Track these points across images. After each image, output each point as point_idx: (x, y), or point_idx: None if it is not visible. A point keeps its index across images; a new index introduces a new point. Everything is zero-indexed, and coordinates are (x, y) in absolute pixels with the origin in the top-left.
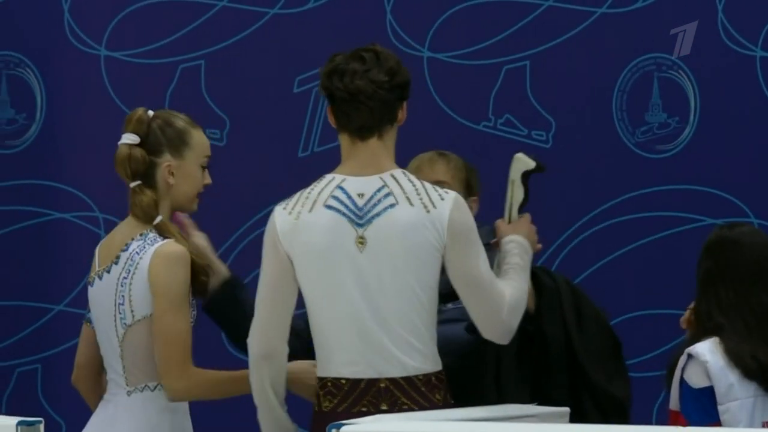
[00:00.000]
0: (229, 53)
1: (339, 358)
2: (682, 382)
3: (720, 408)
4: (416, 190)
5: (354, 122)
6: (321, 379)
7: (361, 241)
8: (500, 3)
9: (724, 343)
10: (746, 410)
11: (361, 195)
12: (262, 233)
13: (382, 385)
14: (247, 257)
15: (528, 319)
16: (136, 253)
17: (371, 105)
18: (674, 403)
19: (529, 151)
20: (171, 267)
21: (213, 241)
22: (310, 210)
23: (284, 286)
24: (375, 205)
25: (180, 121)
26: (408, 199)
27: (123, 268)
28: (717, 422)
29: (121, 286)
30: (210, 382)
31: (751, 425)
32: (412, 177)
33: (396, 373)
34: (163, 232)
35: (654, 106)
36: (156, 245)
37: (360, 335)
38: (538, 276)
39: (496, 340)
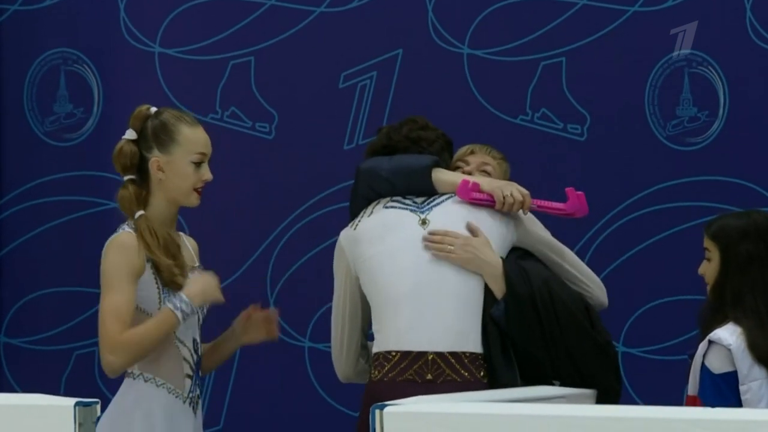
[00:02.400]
0: (277, 50)
1: (394, 333)
2: (703, 367)
3: (741, 388)
4: None
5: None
6: (375, 354)
7: (424, 221)
8: (537, 2)
9: (747, 326)
10: (766, 389)
11: (418, 197)
12: (309, 223)
13: (431, 357)
14: (293, 248)
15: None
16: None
17: (431, 150)
18: (693, 388)
19: (565, 143)
20: (107, 251)
21: (259, 232)
22: (370, 215)
23: (356, 308)
24: (433, 200)
25: (172, 117)
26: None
27: None
28: (734, 407)
29: None
30: (138, 339)
31: None
32: None
33: (445, 347)
34: (138, 227)
35: (684, 101)
36: (113, 235)
37: (416, 307)
38: (512, 283)
39: (605, 301)
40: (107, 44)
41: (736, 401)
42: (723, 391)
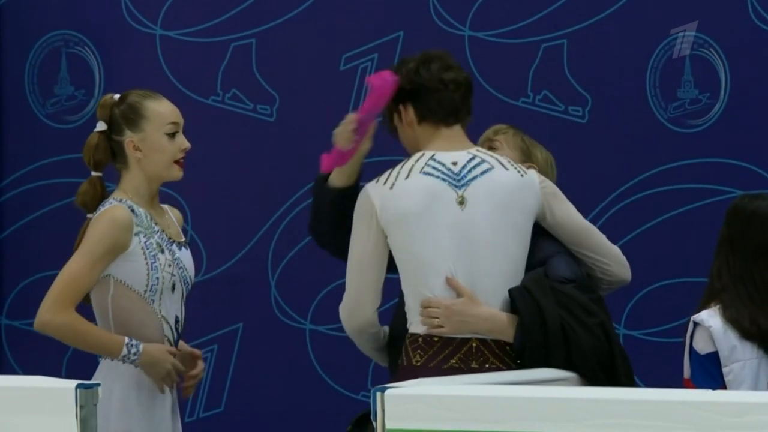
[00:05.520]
0: (278, 32)
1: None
2: (691, 348)
3: (724, 370)
4: (506, 158)
5: (445, 109)
6: (412, 334)
7: (461, 200)
8: None
9: (724, 307)
10: (750, 370)
11: (455, 163)
12: (308, 206)
13: (474, 344)
14: (294, 230)
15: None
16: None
17: (467, 96)
18: (687, 371)
19: (566, 125)
20: (95, 221)
21: (261, 214)
22: (407, 177)
23: (377, 259)
24: (471, 170)
25: (137, 96)
26: (501, 164)
27: None
28: (722, 387)
29: None
30: (76, 331)
31: (755, 386)
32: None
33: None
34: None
35: (686, 83)
36: (106, 206)
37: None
38: (527, 329)
39: (626, 277)
40: (109, 26)
41: (724, 382)
42: (710, 371)
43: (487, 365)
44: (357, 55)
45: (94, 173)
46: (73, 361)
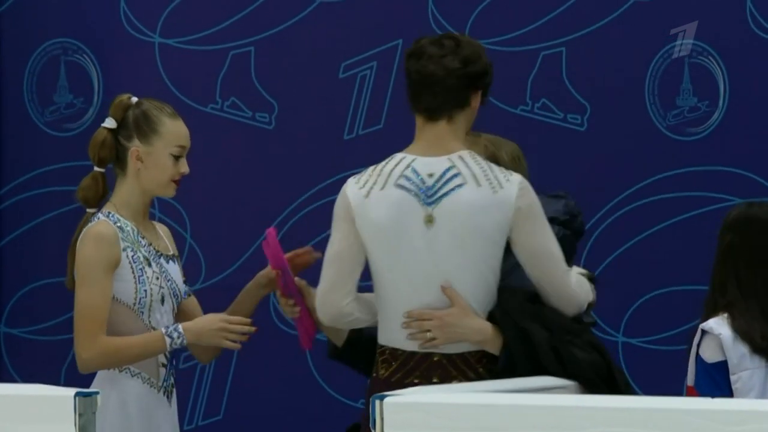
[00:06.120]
0: (277, 40)
1: (400, 330)
2: (697, 357)
3: (732, 378)
4: (484, 171)
5: (423, 104)
6: (381, 346)
7: (429, 219)
8: None
9: (734, 319)
10: (758, 379)
11: (430, 175)
12: (309, 213)
13: (436, 359)
14: (293, 238)
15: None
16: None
17: (438, 89)
18: (691, 378)
19: (565, 133)
20: (82, 243)
21: (259, 222)
22: (382, 188)
23: (353, 254)
24: (444, 184)
25: (155, 109)
26: (476, 179)
27: None
28: (727, 396)
29: None
30: (117, 349)
31: (763, 394)
32: (480, 158)
33: (452, 349)
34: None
35: (685, 91)
36: (89, 225)
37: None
38: (512, 353)
39: (567, 311)
40: (107, 34)
41: (729, 391)
42: (716, 380)
43: (448, 381)
44: (356, 63)
45: (97, 169)
46: (71, 370)
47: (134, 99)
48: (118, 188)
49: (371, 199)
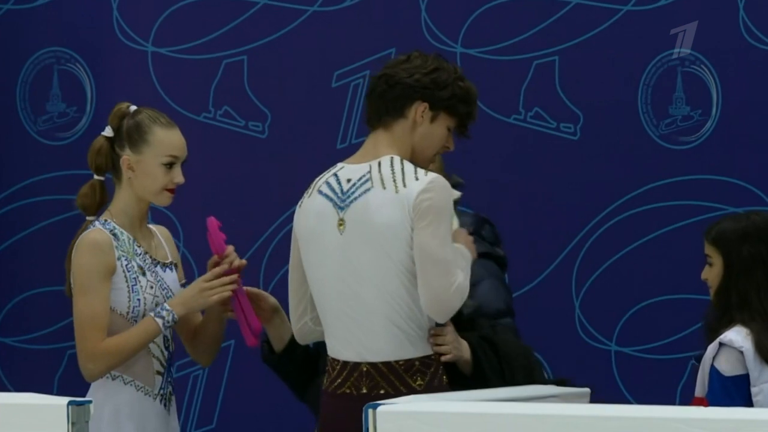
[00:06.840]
0: (270, 49)
1: (333, 339)
2: (713, 369)
3: (753, 390)
4: (393, 174)
5: (365, 114)
6: (328, 356)
7: (341, 223)
8: (530, 1)
9: (754, 328)
10: None
11: (349, 180)
12: None
13: (364, 369)
14: (286, 247)
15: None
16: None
17: (373, 98)
18: (701, 390)
19: (558, 142)
20: (77, 252)
21: (252, 231)
22: (309, 196)
23: (300, 271)
24: (356, 189)
25: (148, 119)
26: (382, 182)
27: None
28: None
29: None
30: (118, 347)
31: None
32: (399, 162)
33: (377, 357)
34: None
35: (677, 100)
36: (83, 233)
37: (344, 318)
38: (481, 363)
39: (434, 316)
40: (100, 43)
41: (744, 404)
42: (732, 394)
43: (376, 391)
44: (349, 72)
45: (95, 177)
46: (64, 378)
47: (133, 108)
48: (115, 196)
49: (302, 208)
